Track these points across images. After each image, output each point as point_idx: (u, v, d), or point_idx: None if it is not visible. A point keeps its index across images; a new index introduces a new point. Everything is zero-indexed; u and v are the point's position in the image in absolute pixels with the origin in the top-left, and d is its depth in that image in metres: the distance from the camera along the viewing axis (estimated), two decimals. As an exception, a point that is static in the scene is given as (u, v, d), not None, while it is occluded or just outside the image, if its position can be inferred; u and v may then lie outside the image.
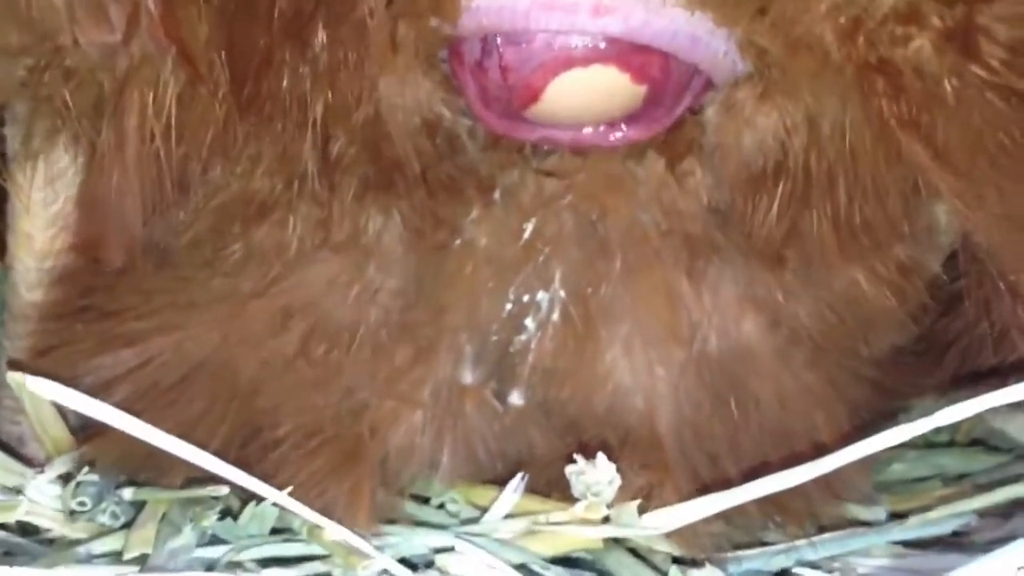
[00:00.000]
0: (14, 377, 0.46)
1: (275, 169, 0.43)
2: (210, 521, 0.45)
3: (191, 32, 0.40)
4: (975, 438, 0.57)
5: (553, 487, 0.46)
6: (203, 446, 0.44)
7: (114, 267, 0.46)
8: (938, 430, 0.55)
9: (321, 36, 0.39)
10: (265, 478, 0.44)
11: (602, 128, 0.42)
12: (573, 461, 0.45)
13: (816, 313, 0.46)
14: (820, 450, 0.45)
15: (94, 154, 0.43)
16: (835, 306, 0.46)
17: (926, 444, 0.56)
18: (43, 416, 0.49)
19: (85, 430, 0.49)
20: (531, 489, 0.47)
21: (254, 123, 0.41)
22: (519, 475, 0.47)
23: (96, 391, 0.46)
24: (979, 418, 0.54)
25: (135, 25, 0.40)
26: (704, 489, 0.45)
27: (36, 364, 0.48)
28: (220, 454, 0.44)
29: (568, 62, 0.40)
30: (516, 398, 0.46)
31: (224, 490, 0.45)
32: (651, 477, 0.45)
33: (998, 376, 0.44)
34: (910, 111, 0.40)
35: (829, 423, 0.47)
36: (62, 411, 0.49)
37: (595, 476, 0.44)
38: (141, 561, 0.43)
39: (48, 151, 0.46)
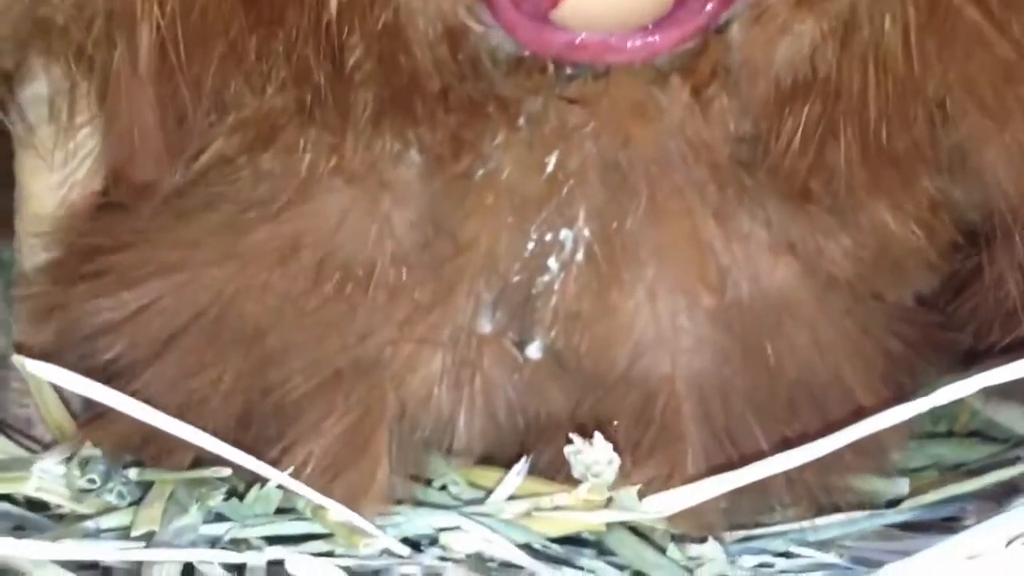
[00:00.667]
0: (19, 361, 0.46)
1: (286, 85, 0.41)
2: (216, 501, 0.45)
3: None
4: (973, 429, 0.57)
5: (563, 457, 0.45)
6: (209, 397, 0.44)
7: (145, 188, 0.44)
8: (936, 420, 0.57)
9: None
10: (272, 439, 0.43)
11: (630, 35, 0.40)
12: (571, 442, 0.45)
13: (850, 254, 0.44)
14: (857, 411, 0.44)
15: (109, 75, 0.42)
16: (867, 246, 0.44)
17: (924, 434, 0.56)
18: (46, 400, 0.49)
19: (89, 410, 0.49)
20: (543, 457, 0.46)
21: (263, 29, 0.39)
22: (523, 458, 0.46)
23: (97, 337, 0.45)
24: (976, 409, 0.56)
25: None
26: (723, 461, 0.44)
27: (43, 324, 0.47)
28: (226, 407, 0.44)
29: None
30: (534, 351, 0.45)
31: (228, 472, 0.45)
32: (665, 455, 0.44)
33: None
34: None
35: (863, 378, 0.45)
36: (65, 394, 0.50)
37: (593, 456, 0.44)
38: (148, 538, 0.44)
39: (58, 107, 0.45)
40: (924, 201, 0.44)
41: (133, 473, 0.48)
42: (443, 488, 0.49)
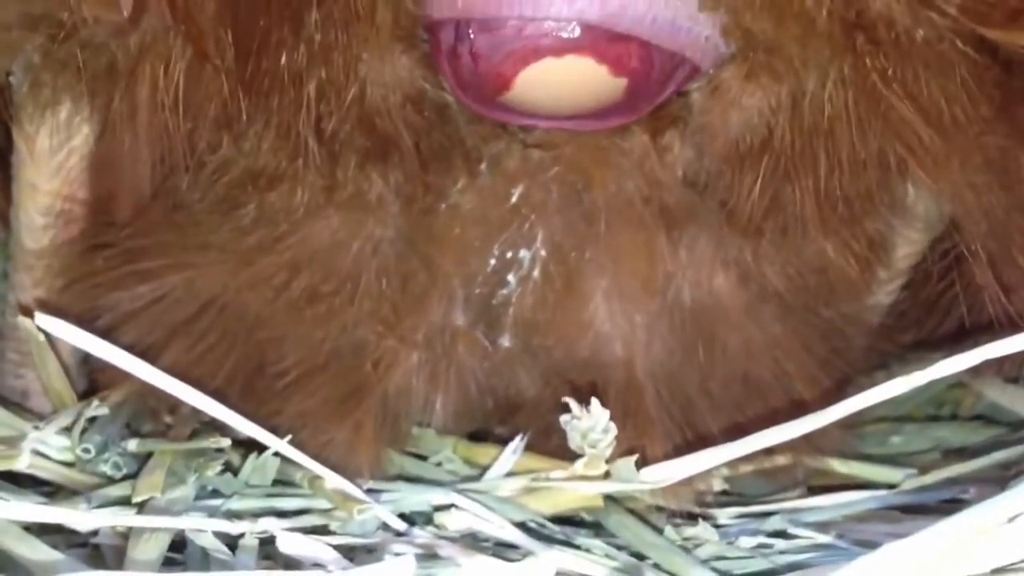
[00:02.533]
0: (24, 323, 0.47)
1: (278, 145, 0.45)
2: (213, 472, 0.45)
3: (198, 11, 0.41)
4: (977, 413, 0.57)
5: (546, 432, 0.46)
6: (211, 377, 0.47)
7: (123, 221, 0.48)
8: (940, 405, 0.57)
9: (315, 16, 0.40)
10: (270, 414, 0.46)
11: (581, 119, 0.43)
12: (568, 410, 0.45)
13: (783, 275, 0.48)
14: (799, 401, 0.47)
15: (107, 119, 0.45)
16: (802, 271, 0.48)
17: (927, 417, 0.57)
18: (48, 366, 0.49)
19: (94, 375, 0.51)
20: (524, 433, 0.48)
21: (255, 99, 0.42)
22: (519, 436, 0.47)
23: (115, 325, 0.48)
24: (980, 393, 0.56)
25: (142, 5, 0.42)
26: (686, 439, 0.47)
27: (57, 300, 0.50)
28: (228, 385, 0.47)
29: (538, 51, 0.40)
30: (505, 340, 0.48)
31: (226, 442, 0.46)
32: (634, 427, 0.46)
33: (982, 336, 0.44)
34: (889, 64, 0.40)
35: (802, 374, 0.49)
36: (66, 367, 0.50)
37: (589, 422, 0.44)
38: (140, 507, 0.44)
39: (56, 103, 0.47)
40: (864, 239, 0.48)
41: (132, 444, 0.48)
42: (440, 464, 0.49)
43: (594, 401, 0.45)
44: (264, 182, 0.46)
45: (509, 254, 0.47)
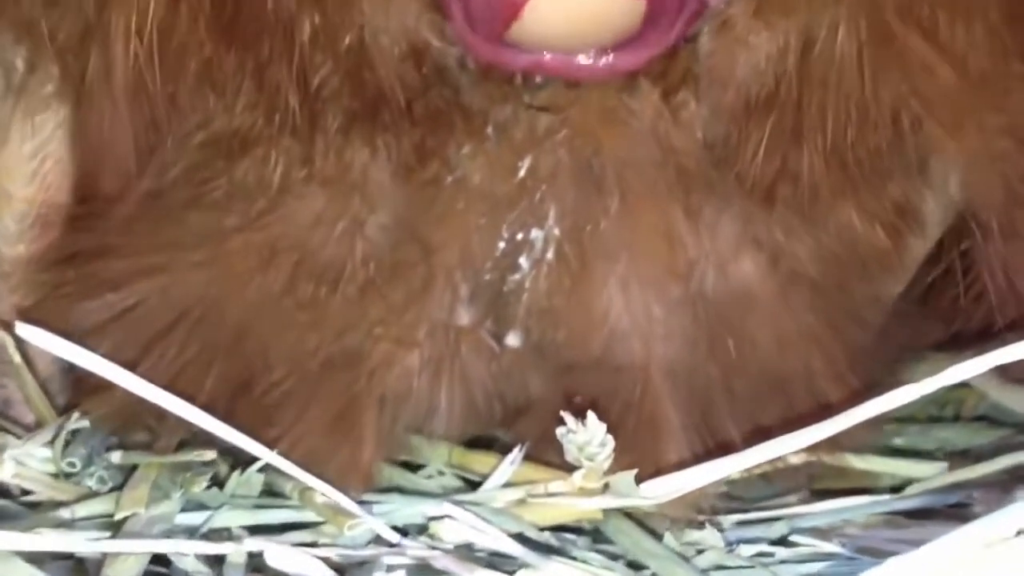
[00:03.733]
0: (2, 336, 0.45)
1: (255, 102, 0.42)
2: (199, 488, 0.44)
3: None
4: (980, 414, 0.56)
5: (552, 438, 0.45)
6: (194, 394, 0.44)
7: (112, 198, 0.45)
8: (943, 405, 0.56)
9: None
10: (259, 430, 0.43)
11: (593, 55, 0.40)
12: (563, 423, 0.44)
13: (814, 253, 0.45)
14: (820, 399, 0.45)
15: (83, 87, 0.43)
16: (832, 246, 0.45)
17: (929, 418, 0.56)
18: (25, 381, 0.49)
19: (77, 385, 0.49)
20: (528, 438, 0.46)
21: (238, 49, 0.40)
22: (518, 446, 0.46)
23: (85, 338, 0.45)
24: (983, 394, 0.55)
25: None
26: (704, 444, 0.45)
27: (25, 315, 0.46)
28: (211, 403, 0.44)
29: None
30: (512, 339, 0.46)
31: (212, 455, 0.45)
32: (648, 435, 0.45)
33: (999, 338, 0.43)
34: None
35: (828, 369, 0.46)
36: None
37: (586, 436, 0.43)
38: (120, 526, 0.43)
39: (31, 89, 0.45)
40: (890, 206, 0.45)
41: (116, 457, 0.47)
42: (434, 476, 0.48)
43: (590, 415, 0.43)
44: (236, 148, 0.43)
45: (520, 235, 0.44)
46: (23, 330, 0.41)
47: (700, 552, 0.44)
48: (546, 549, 0.43)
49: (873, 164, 0.42)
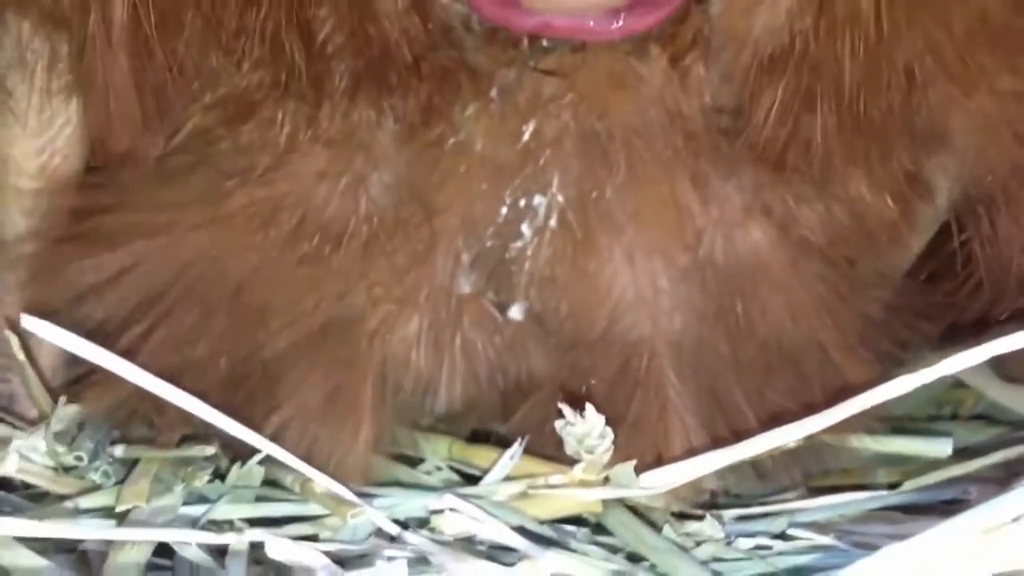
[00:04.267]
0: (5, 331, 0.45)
1: (261, 61, 0.41)
2: (201, 482, 0.45)
3: None
4: (978, 413, 0.56)
5: (552, 428, 0.44)
6: (192, 359, 0.44)
7: (130, 154, 0.45)
8: (941, 405, 0.56)
9: None
10: (259, 406, 0.43)
11: (604, 17, 0.39)
12: (562, 415, 0.44)
13: (824, 223, 0.44)
14: (832, 372, 0.44)
15: (85, 44, 0.42)
16: (841, 216, 0.45)
17: (927, 418, 0.55)
18: (26, 375, 0.49)
19: (81, 380, 0.48)
20: (528, 429, 0.46)
21: (238, 2, 0.39)
22: (517, 441, 0.46)
23: (84, 300, 0.45)
24: (981, 393, 0.55)
25: None
26: (709, 421, 0.44)
27: (31, 286, 0.47)
28: (210, 370, 0.44)
29: None
30: (515, 312, 0.45)
31: (212, 450, 0.45)
32: (653, 416, 0.44)
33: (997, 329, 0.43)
34: None
35: (840, 340, 0.45)
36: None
37: (584, 428, 0.43)
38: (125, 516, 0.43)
39: (41, 69, 0.45)
40: (900, 174, 0.44)
41: (119, 451, 0.47)
42: (438, 469, 0.48)
43: (589, 407, 0.43)
44: (242, 110, 0.43)
45: (523, 201, 0.43)
46: (28, 322, 0.42)
47: (699, 544, 0.44)
48: (546, 542, 0.43)
49: (885, 126, 0.41)
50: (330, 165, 0.43)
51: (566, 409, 0.43)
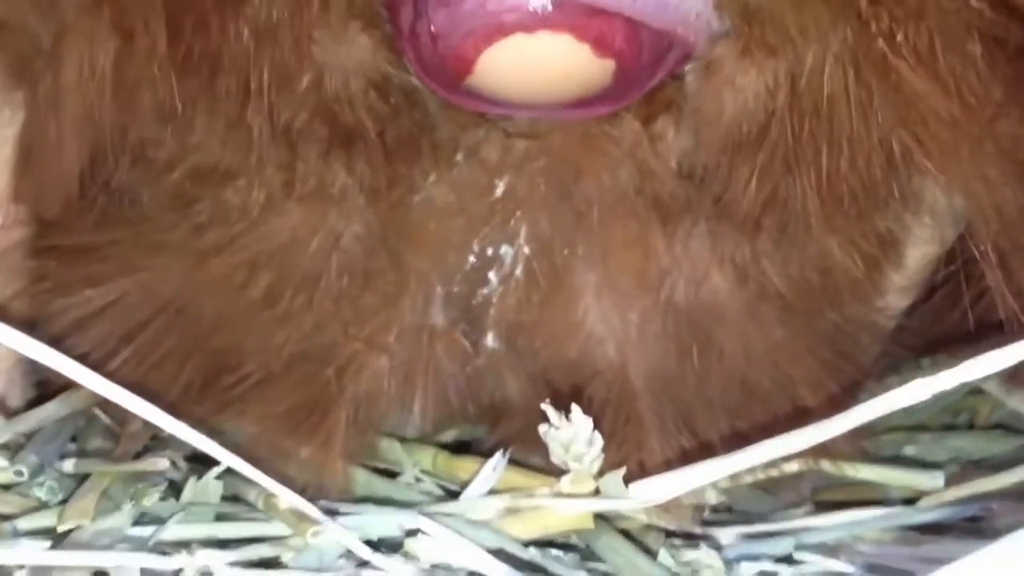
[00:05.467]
0: None
1: (229, 138, 0.41)
2: (151, 500, 0.42)
3: None
4: (995, 422, 0.54)
5: (535, 441, 0.43)
6: (168, 387, 0.44)
7: (49, 219, 0.45)
8: (956, 413, 0.54)
9: None
10: (229, 424, 0.43)
11: (563, 109, 0.39)
12: (546, 419, 0.42)
13: (784, 274, 0.45)
14: (802, 410, 0.44)
15: (33, 104, 0.42)
16: (805, 270, 0.45)
17: (943, 427, 0.54)
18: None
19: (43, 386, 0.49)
20: (508, 438, 0.45)
21: (195, 87, 0.39)
22: (500, 451, 0.44)
23: (66, 333, 0.45)
24: (998, 401, 0.54)
25: None
26: (685, 448, 0.44)
27: (7, 307, 0.47)
28: (184, 396, 0.44)
29: (502, 28, 0.37)
30: (489, 340, 0.45)
31: (164, 464, 0.44)
32: (629, 434, 0.44)
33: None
34: (897, 28, 0.37)
35: (805, 379, 0.45)
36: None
37: (570, 433, 0.41)
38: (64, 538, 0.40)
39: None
40: (873, 237, 0.45)
41: (68, 465, 0.45)
42: (416, 482, 0.46)
43: (575, 408, 0.41)
44: (218, 178, 0.43)
45: (489, 250, 0.43)
46: None
47: (696, 573, 0.41)
48: (529, 568, 0.40)
49: (867, 196, 0.41)
50: (302, 222, 0.43)
51: (550, 411, 0.41)
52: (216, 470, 0.42)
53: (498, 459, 0.43)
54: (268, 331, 0.45)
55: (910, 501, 0.46)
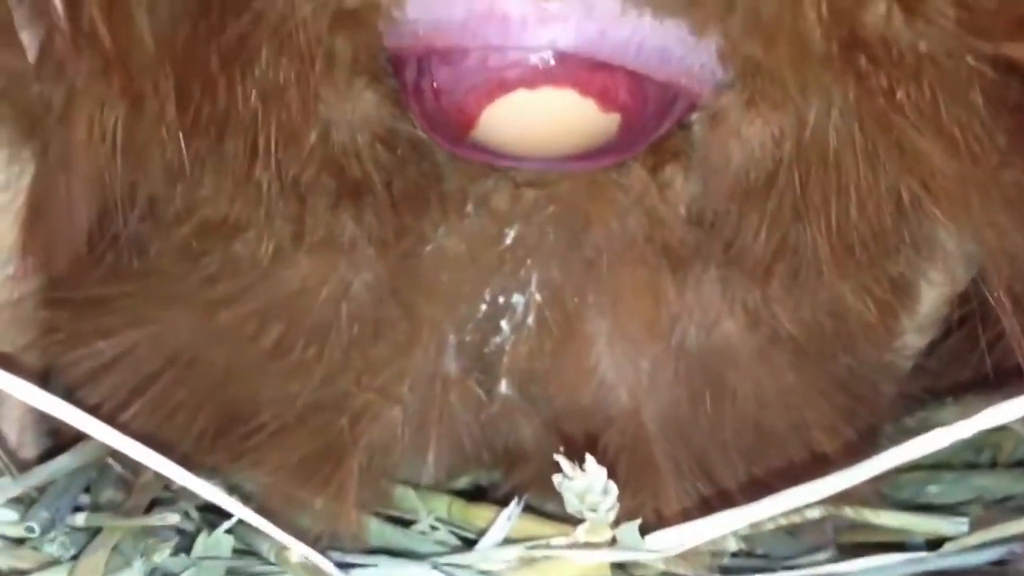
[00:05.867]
0: None
1: (237, 194, 0.41)
2: (162, 556, 0.42)
3: (133, 49, 0.37)
4: (1020, 459, 0.53)
5: (551, 488, 0.42)
6: (180, 439, 0.44)
7: (57, 274, 0.45)
8: (979, 450, 0.53)
9: (264, 53, 0.37)
10: (243, 471, 0.44)
11: (569, 160, 0.39)
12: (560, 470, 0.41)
13: (797, 319, 0.44)
14: (820, 455, 0.44)
15: (45, 160, 0.42)
16: (817, 315, 0.44)
17: (966, 465, 0.53)
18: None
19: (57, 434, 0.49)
20: (523, 484, 0.45)
21: (204, 147, 0.39)
22: (515, 499, 0.43)
23: (77, 385, 0.46)
24: (1022, 437, 0.53)
25: (48, 53, 0.39)
26: (702, 495, 0.44)
27: (18, 358, 0.47)
28: (197, 448, 0.44)
29: (504, 84, 0.36)
30: (503, 388, 0.45)
31: (174, 519, 0.43)
32: (645, 482, 0.43)
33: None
34: (896, 86, 0.37)
35: (821, 423, 0.45)
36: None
37: (584, 483, 0.41)
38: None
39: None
40: (886, 282, 0.45)
41: (80, 519, 0.44)
42: (430, 530, 0.45)
43: (589, 458, 0.41)
44: (227, 231, 0.43)
45: (501, 299, 0.43)
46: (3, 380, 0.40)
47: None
48: (545, 620, 0.40)
49: (878, 243, 0.41)
50: (312, 273, 0.43)
51: (563, 461, 0.41)
52: (227, 523, 0.42)
53: (513, 508, 0.43)
54: (281, 382, 0.45)
55: (934, 543, 0.45)
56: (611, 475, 0.41)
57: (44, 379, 0.47)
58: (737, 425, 0.44)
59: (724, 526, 0.40)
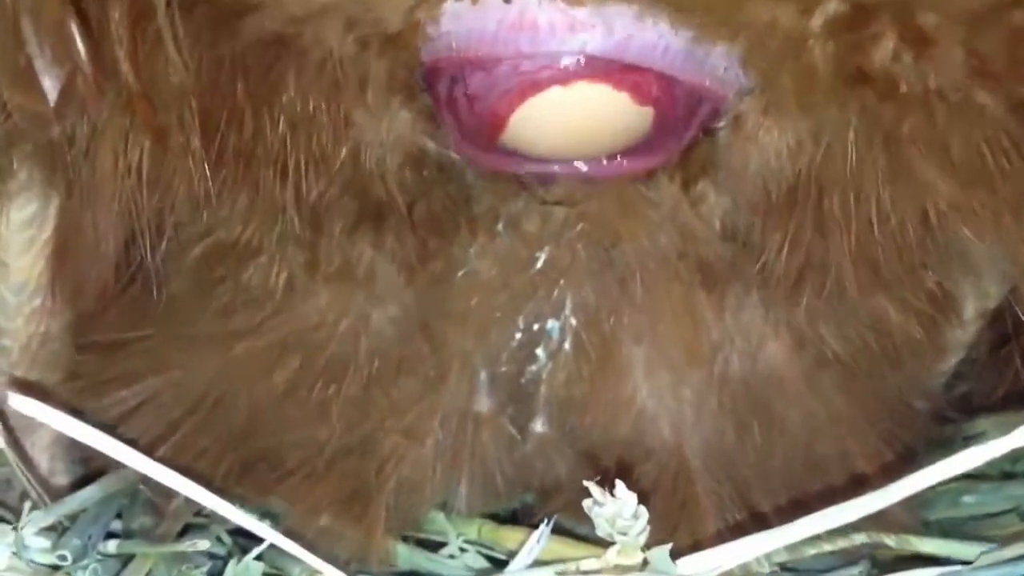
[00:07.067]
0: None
1: (254, 218, 0.41)
2: None
3: (158, 84, 0.38)
4: None
5: (577, 509, 0.42)
6: (208, 481, 0.43)
7: (85, 308, 0.45)
8: (1015, 460, 0.53)
9: (293, 82, 0.37)
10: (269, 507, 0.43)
11: (602, 161, 0.39)
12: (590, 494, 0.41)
13: (842, 336, 0.44)
14: (859, 480, 0.43)
15: (70, 195, 0.42)
16: (861, 332, 0.44)
17: (1002, 475, 0.52)
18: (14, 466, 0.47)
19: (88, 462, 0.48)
20: (556, 509, 0.44)
21: (230, 177, 0.39)
22: (544, 522, 0.43)
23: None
24: None
25: (69, 95, 0.38)
26: (737, 524, 0.43)
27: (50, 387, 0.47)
28: (223, 488, 0.43)
29: (536, 84, 0.37)
30: (538, 425, 0.44)
31: (206, 544, 0.43)
32: (686, 516, 0.43)
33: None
34: (906, 118, 0.37)
35: (864, 450, 0.45)
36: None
37: (615, 508, 0.40)
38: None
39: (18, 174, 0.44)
40: (923, 295, 0.45)
41: (112, 546, 0.44)
42: (463, 551, 0.45)
43: (619, 484, 0.40)
44: (239, 254, 0.43)
45: (536, 326, 0.43)
46: (19, 403, 0.40)
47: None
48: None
49: (904, 259, 0.40)
50: (329, 305, 0.43)
51: (593, 488, 0.41)
52: (257, 549, 0.42)
53: (543, 530, 0.43)
54: (304, 426, 0.44)
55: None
56: (647, 508, 0.41)
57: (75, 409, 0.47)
58: (785, 455, 0.44)
59: (757, 548, 0.40)
